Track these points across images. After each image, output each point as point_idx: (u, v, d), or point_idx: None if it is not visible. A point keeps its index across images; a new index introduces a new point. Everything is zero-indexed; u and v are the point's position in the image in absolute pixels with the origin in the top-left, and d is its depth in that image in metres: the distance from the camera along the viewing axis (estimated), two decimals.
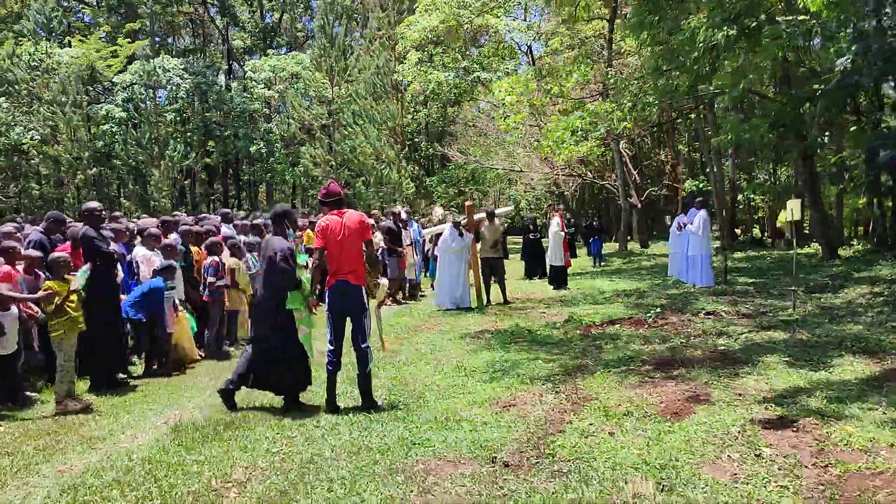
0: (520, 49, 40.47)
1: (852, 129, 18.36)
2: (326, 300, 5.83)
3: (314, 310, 5.96)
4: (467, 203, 13.13)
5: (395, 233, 12.43)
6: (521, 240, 19.65)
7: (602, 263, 20.33)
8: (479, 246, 12.45)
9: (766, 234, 30.67)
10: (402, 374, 6.97)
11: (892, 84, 9.57)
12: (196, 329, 8.54)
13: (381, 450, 4.71)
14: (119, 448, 5.09)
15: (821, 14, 16.34)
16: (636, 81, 17.03)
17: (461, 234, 12.02)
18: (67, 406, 6.06)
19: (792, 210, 9.45)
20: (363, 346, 5.75)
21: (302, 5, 46.93)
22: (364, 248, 5.79)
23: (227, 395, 5.97)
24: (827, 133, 16.62)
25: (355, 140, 32.17)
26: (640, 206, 28.29)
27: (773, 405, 5.17)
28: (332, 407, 5.75)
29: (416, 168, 34.89)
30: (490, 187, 37.78)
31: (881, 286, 11.16)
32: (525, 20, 36.62)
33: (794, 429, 4.64)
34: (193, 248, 8.81)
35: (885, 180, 16.71)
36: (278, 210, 6.13)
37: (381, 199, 31.71)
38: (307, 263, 6.07)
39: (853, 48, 9.85)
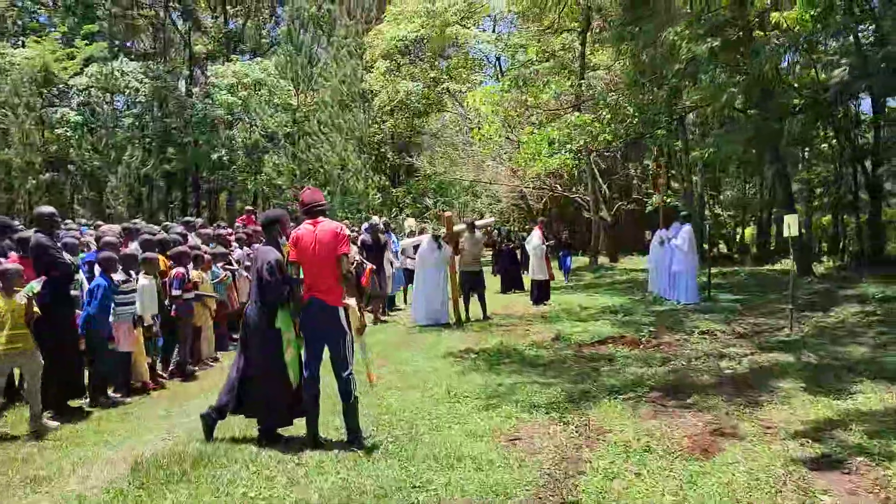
0: (488, 61, 40.28)
1: (823, 145, 18.34)
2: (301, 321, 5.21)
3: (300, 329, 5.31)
4: (446, 214, 12.56)
5: (370, 247, 11.72)
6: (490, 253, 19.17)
7: (571, 278, 19.91)
8: (457, 259, 11.89)
9: (733, 249, 30.73)
10: (387, 401, 6.33)
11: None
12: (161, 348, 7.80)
13: (378, 494, 4.09)
14: (67, 491, 4.37)
15: (794, 30, 16.31)
16: (613, 94, 16.73)
17: (439, 247, 11.45)
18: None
19: (789, 225, 9.08)
20: (344, 374, 5.09)
21: (267, 12, 46.05)
22: (339, 264, 5.07)
23: (210, 422, 5.30)
24: (807, 149, 16.51)
25: (320, 149, 31.41)
26: (610, 220, 28.05)
27: (811, 441, 4.68)
28: (314, 441, 5.10)
29: (383, 178, 34.26)
30: (455, 199, 37.29)
31: (872, 305, 10.87)
32: (494, 31, 36.38)
33: (846, 470, 4.15)
34: (161, 258, 8.06)
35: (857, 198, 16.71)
36: (270, 215, 5.48)
37: (346, 209, 30.97)
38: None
39: (847, 60, 9.57)
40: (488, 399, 6.24)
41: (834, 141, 16.77)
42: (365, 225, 14.68)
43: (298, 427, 5.33)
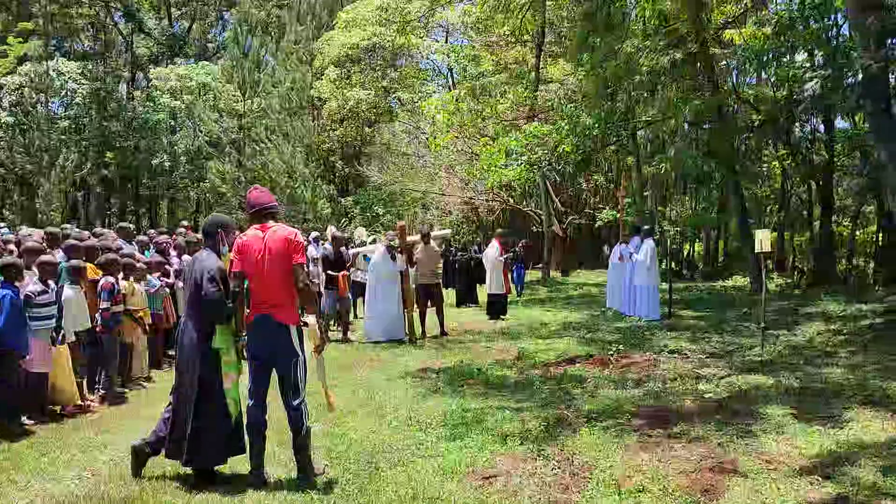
0: (440, 72, 39.89)
1: (773, 163, 18.36)
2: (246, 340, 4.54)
3: (244, 353, 4.61)
4: (399, 223, 11.95)
5: (332, 262, 10.97)
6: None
7: (524, 292, 19.48)
8: (413, 271, 11.30)
9: (681, 265, 30.82)
10: (342, 429, 5.68)
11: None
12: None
13: None
14: None
15: (746, 47, 16.28)
16: (571, 105, 16.40)
17: (394, 259, 10.85)
18: None
19: (761, 241, 8.74)
20: (295, 402, 4.44)
21: (214, 15, 44.85)
22: (294, 276, 4.40)
23: (141, 456, 4.56)
24: (765, 165, 16.45)
25: (267, 156, 30.50)
26: (562, 234, 27.83)
27: (820, 479, 4.22)
28: (259, 480, 4.43)
29: (331, 188, 33.44)
30: (405, 210, 36.61)
31: (836, 323, 10.65)
32: (447, 42, 36.02)
33: None
34: (90, 267, 7.23)
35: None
36: (215, 220, 4.75)
37: (293, 219, 30.05)
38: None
39: (819, 73, 9.35)
40: (455, 427, 5.64)
41: (789, 159, 16.76)
42: (313, 234, 13.97)
43: (240, 463, 4.64)
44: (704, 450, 4.82)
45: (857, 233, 20.90)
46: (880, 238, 19.38)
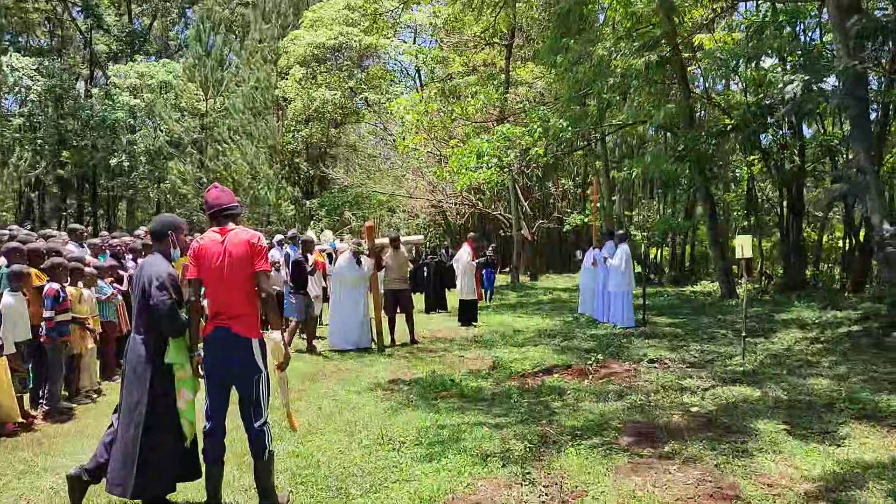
0: (408, 73, 39.49)
1: (744, 167, 18.31)
2: (203, 356, 4.08)
3: (200, 368, 4.14)
4: (367, 224, 11.52)
5: (303, 267, 10.41)
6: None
7: (494, 297, 19.16)
8: (381, 276, 10.89)
9: (648, 270, 30.83)
10: (307, 449, 5.24)
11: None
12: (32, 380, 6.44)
13: None
14: None
15: (717, 50, 16.18)
16: (543, 108, 16.15)
17: (359, 263, 10.42)
18: None
19: (742, 246, 8.50)
20: (258, 423, 4.00)
21: (176, 12, 43.86)
22: (256, 284, 3.95)
23: (79, 485, 4.07)
24: (737, 170, 16.34)
25: (230, 156, 29.79)
26: (531, 238, 27.61)
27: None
28: None
29: (296, 190, 32.79)
30: (372, 213, 36.07)
31: (813, 330, 10.49)
32: (415, 43, 35.66)
33: None
34: (34, 272, 6.68)
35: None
36: (164, 221, 4.24)
37: (256, 221, 29.40)
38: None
39: (800, 75, 9.15)
40: (430, 446, 5.24)
41: (759, 164, 16.70)
42: (277, 237, 13.48)
43: (194, 490, 4.19)
44: (700, 472, 4.48)
45: (823, 239, 20.96)
46: (846, 244, 19.40)
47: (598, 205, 29.51)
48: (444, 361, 9.15)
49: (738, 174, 16.10)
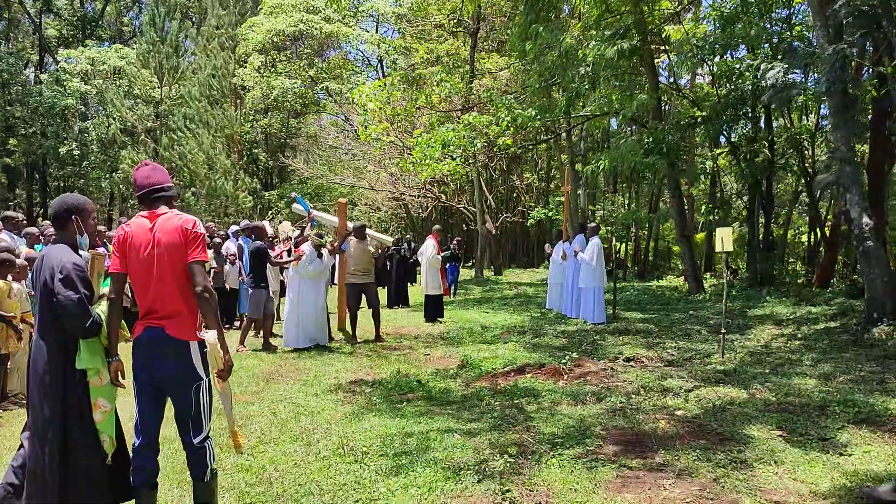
0: (369, 63, 38.77)
1: (709, 162, 18.10)
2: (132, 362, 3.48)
3: (120, 376, 3.52)
4: (340, 200, 10.93)
5: (263, 256, 9.66)
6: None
7: (458, 292, 18.71)
8: (339, 266, 10.34)
9: (612, 264, 30.68)
10: (259, 462, 4.68)
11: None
12: None
13: None
14: None
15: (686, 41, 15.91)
16: (510, 96, 15.69)
17: (320, 256, 9.85)
18: None
19: (722, 239, 8.13)
20: (197, 440, 3.43)
21: None
22: (192, 277, 3.36)
23: None
24: (706, 163, 16.07)
25: (186, 146, 28.81)
26: (494, 231, 27.21)
27: None
28: None
29: (254, 181, 31.90)
30: (332, 206, 35.22)
31: (790, 326, 10.22)
32: (377, 32, 34.98)
33: None
34: None
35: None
36: (65, 203, 3.53)
37: (213, 212, 28.47)
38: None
39: (780, 64, 8.81)
40: (396, 458, 4.73)
41: (727, 157, 16.49)
42: (232, 228, 12.85)
43: None
44: (698, 487, 4.04)
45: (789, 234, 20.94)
46: (811, 239, 19.38)
47: (570, 196, 29.27)
48: (409, 360, 8.63)
49: (708, 167, 15.82)
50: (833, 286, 15.55)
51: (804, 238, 21.86)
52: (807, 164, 16.68)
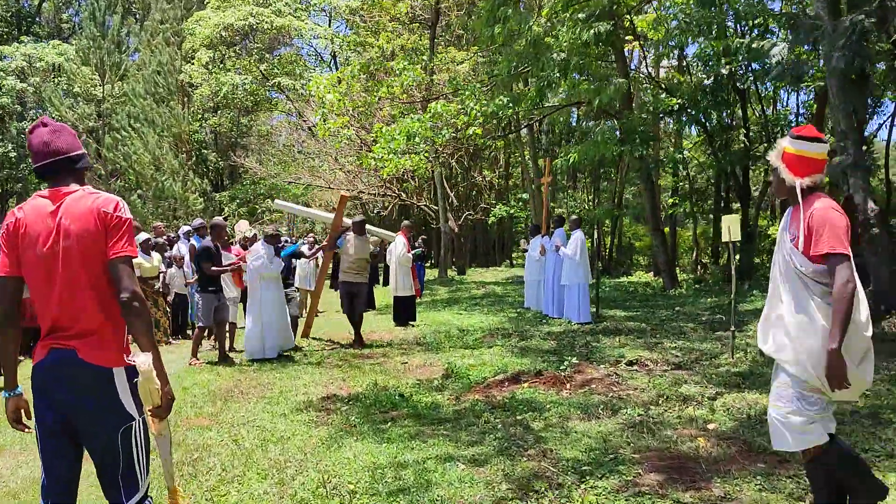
0: (322, 59, 37.65)
1: (682, 153, 17.56)
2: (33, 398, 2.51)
3: (24, 416, 2.53)
4: (343, 193, 10.01)
5: (213, 254, 8.48)
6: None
7: (423, 292, 17.81)
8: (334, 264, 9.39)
9: (597, 259, 30.12)
10: None
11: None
12: None
13: None
14: None
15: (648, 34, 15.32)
16: (478, 84, 14.85)
17: (278, 254, 8.92)
18: None
19: (729, 228, 7.41)
20: (131, 501, 2.49)
21: None
22: (114, 280, 2.42)
23: None
24: (684, 152, 15.45)
25: (130, 146, 27.32)
26: (457, 230, 26.39)
27: None
28: None
29: (204, 181, 30.50)
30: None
31: None
32: (330, 27, 33.92)
33: None
34: None
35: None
36: None
37: (161, 215, 27.03)
38: None
39: (785, 39, 8.15)
40: (392, 498, 3.83)
41: (701, 147, 15.95)
42: (184, 228, 11.78)
43: None
44: None
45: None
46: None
47: (524, 196, 28.58)
48: (386, 370, 7.71)
49: (685, 156, 15.21)
50: None
51: (773, 230, 21.55)
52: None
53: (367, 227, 9.87)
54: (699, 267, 20.33)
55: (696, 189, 18.68)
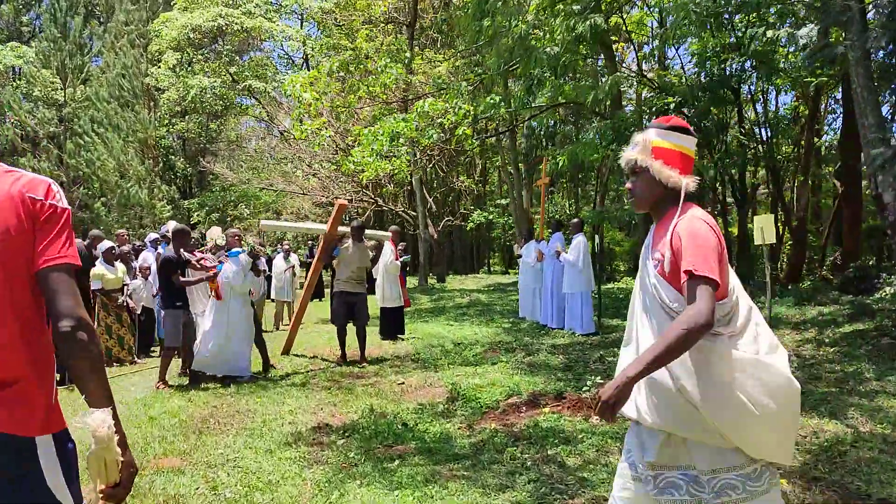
0: (293, 62, 36.71)
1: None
2: None
3: None
4: (339, 202, 9.10)
5: (176, 264, 7.58)
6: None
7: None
8: (323, 276, 8.49)
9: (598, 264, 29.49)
10: None
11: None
12: None
13: None
14: None
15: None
16: (464, 83, 14.05)
17: (254, 268, 8.08)
18: None
19: (762, 229, 6.68)
20: None
21: None
22: (47, 300, 1.60)
23: None
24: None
25: (94, 152, 26.14)
26: (436, 237, 25.58)
27: None
28: None
29: (172, 189, 29.35)
30: (259, 214, 32.72)
31: (809, 331, 8.90)
32: (302, 28, 33.02)
33: None
34: None
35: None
36: None
37: (126, 223, 25.84)
38: None
39: (813, 23, 7.50)
40: None
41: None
42: (151, 236, 10.84)
43: None
44: None
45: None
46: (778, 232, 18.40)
47: (505, 201, 27.85)
48: (381, 392, 6.85)
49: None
50: (802, 282, 14.62)
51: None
52: (777, 156, 15.69)
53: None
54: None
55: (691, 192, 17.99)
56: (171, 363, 7.67)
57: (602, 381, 6.34)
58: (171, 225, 8.40)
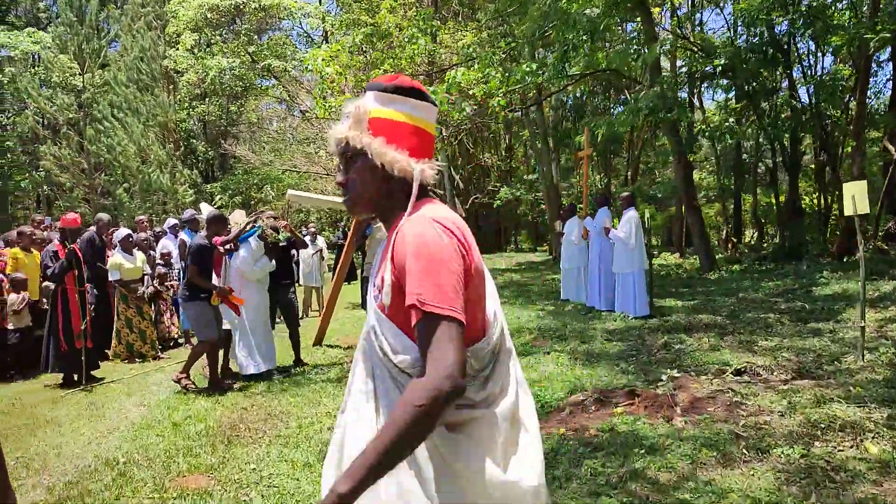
0: (312, 41, 35.97)
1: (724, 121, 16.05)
2: None
3: None
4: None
5: (208, 255, 6.97)
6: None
7: None
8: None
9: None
10: None
11: None
12: None
13: None
14: None
15: None
16: (497, 51, 13.28)
17: (268, 253, 7.41)
18: None
19: (854, 198, 5.89)
20: None
21: None
22: None
23: None
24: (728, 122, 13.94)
25: (114, 137, 25.68)
26: (464, 214, 24.88)
27: None
28: None
29: (194, 173, 28.89)
30: (281, 197, 32.17)
31: (891, 309, 8.12)
32: (321, 4, 32.26)
33: None
34: None
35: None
36: None
37: (149, 209, 25.41)
38: None
39: None
40: None
41: (749, 114, 14.44)
42: (169, 222, 10.28)
43: None
44: None
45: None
46: (820, 205, 17.50)
47: (529, 176, 27.05)
48: None
49: (726, 125, 13.60)
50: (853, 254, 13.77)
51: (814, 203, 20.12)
52: (825, 121, 14.73)
53: None
54: (730, 246, 18.85)
55: (741, 161, 17.01)
56: (200, 358, 7.05)
57: (678, 375, 5.62)
58: (206, 210, 7.74)
